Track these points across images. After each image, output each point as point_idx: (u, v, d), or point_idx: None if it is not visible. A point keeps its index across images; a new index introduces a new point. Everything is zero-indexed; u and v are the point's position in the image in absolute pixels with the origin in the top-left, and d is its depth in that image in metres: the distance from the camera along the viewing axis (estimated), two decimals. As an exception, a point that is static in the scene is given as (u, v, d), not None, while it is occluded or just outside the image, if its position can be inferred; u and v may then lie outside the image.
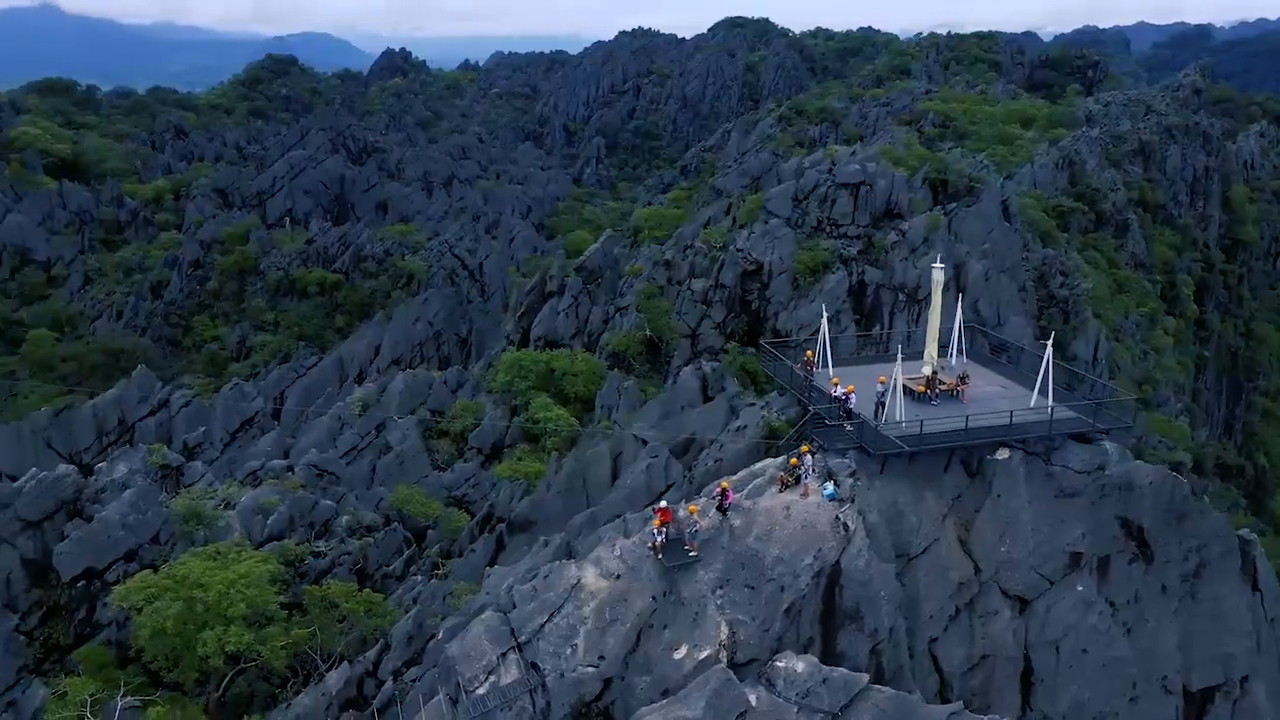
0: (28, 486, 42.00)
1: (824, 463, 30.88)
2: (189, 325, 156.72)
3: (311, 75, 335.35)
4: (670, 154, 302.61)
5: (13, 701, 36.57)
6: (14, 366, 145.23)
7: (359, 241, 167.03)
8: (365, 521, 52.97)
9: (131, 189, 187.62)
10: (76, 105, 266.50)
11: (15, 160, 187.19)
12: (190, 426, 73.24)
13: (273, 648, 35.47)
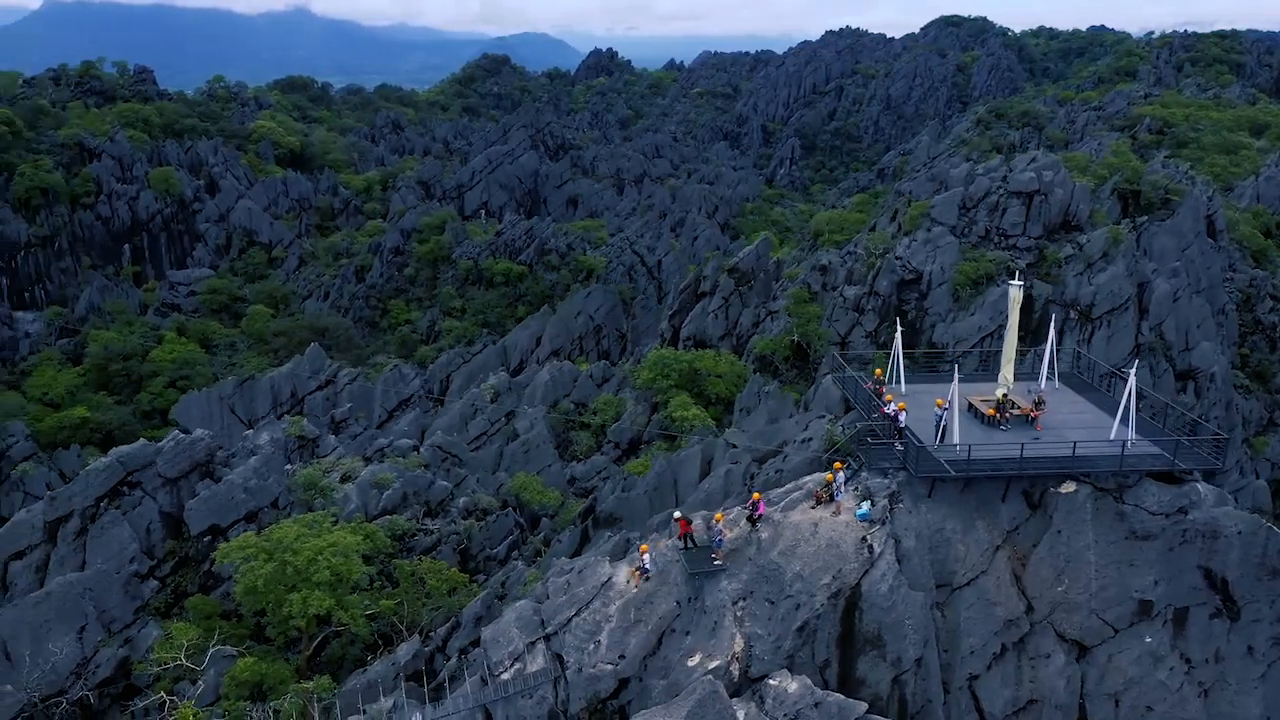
0: (168, 447, 46.82)
1: (863, 481, 29.80)
2: (386, 308, 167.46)
3: (522, 74, 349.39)
4: (869, 156, 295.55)
5: (129, 639, 40.91)
6: (235, 337, 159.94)
7: (544, 235, 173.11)
8: (482, 504, 55.27)
9: (347, 179, 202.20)
10: (312, 101, 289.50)
11: (252, 150, 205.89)
12: (354, 399, 78.53)
13: (353, 614, 37.93)
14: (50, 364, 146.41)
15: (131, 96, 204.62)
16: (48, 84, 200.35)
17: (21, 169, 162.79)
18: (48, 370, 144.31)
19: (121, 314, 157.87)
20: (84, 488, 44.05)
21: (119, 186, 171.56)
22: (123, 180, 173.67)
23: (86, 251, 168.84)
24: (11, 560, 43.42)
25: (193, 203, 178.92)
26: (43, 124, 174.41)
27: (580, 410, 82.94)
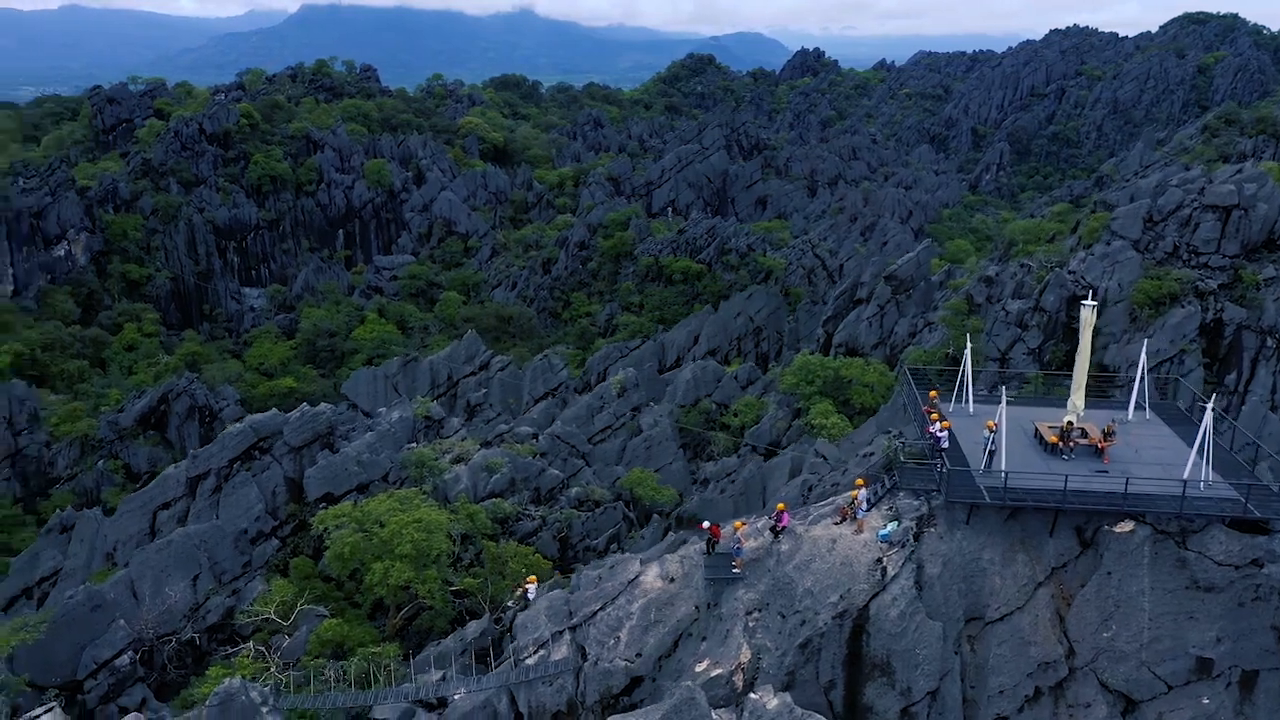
0: (294, 418, 50.89)
1: (896, 501, 28.60)
2: (568, 300, 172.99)
3: (726, 73, 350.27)
4: (1089, 164, 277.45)
5: (236, 590, 44.87)
6: (428, 320, 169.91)
7: (725, 234, 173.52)
8: (594, 496, 56.63)
9: (541, 174, 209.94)
10: (522, 98, 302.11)
11: (459, 145, 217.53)
12: (504, 388, 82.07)
13: (430, 588, 40.01)
14: (268, 337, 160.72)
15: (356, 93, 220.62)
16: (286, 81, 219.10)
17: (256, 158, 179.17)
18: (265, 342, 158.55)
19: (331, 294, 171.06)
20: (220, 450, 48.74)
21: (337, 176, 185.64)
22: (341, 170, 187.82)
23: (306, 235, 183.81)
24: (160, 510, 48.68)
25: (401, 193, 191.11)
26: (277, 118, 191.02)
27: (722, 410, 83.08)
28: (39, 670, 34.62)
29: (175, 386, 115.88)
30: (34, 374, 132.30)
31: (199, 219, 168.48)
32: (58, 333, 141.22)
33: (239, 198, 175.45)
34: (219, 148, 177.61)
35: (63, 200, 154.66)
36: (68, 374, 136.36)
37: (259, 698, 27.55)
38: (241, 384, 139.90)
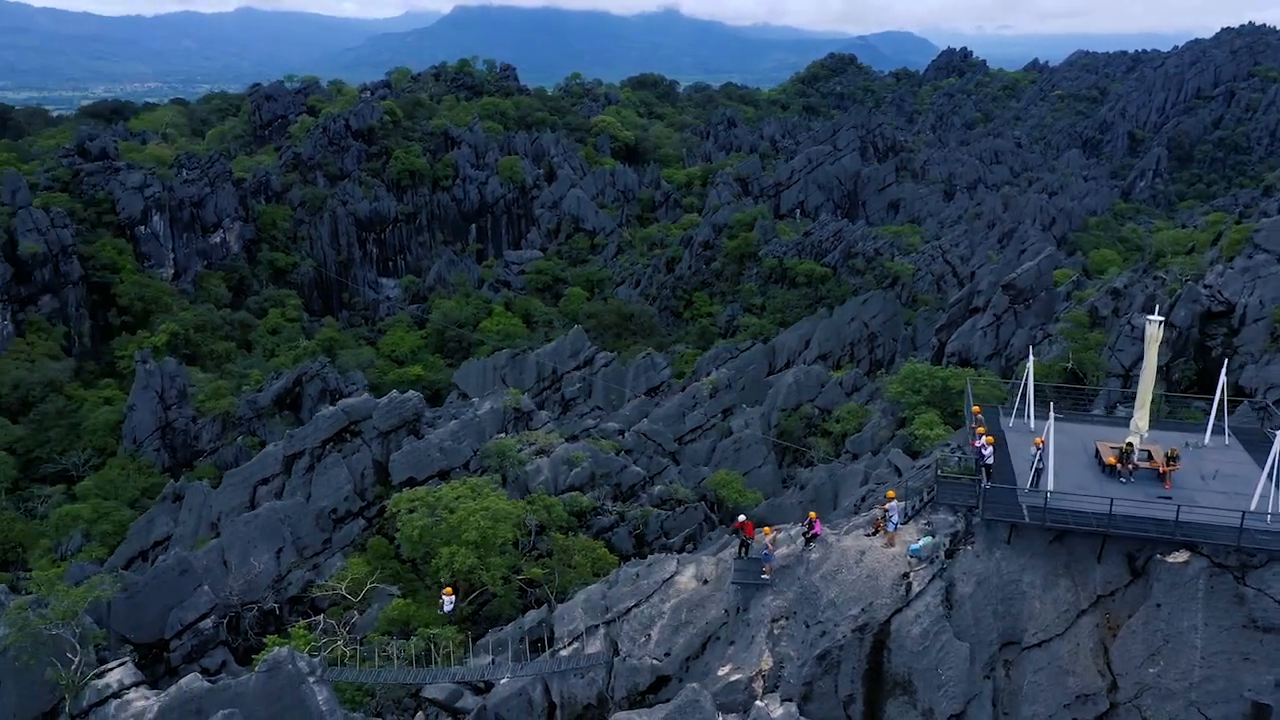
0: (382, 404, 52.97)
1: (930, 516, 27.64)
2: (690, 299, 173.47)
3: (867, 73, 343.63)
4: (1257, 171, 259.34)
5: (317, 565, 47.07)
6: (553, 315, 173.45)
7: (851, 238, 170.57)
8: (677, 495, 56.83)
9: (670, 173, 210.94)
10: (659, 97, 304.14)
11: (591, 143, 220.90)
12: (607, 385, 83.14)
13: (492, 575, 41.05)
14: (401, 325, 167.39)
15: (495, 91, 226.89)
16: (430, 80, 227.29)
17: (397, 154, 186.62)
18: (398, 331, 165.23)
19: (462, 286, 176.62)
20: (314, 431, 51.29)
21: (472, 172, 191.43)
22: (476, 166, 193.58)
23: (440, 229, 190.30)
24: (259, 484, 51.63)
25: (532, 189, 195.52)
26: (418, 115, 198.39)
27: (824, 416, 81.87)
28: (131, 627, 37.42)
29: (309, 370, 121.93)
30: (187, 353, 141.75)
31: (342, 211, 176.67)
32: (210, 315, 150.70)
33: (380, 191, 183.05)
34: (363, 143, 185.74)
35: (220, 191, 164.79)
36: (216, 354, 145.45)
37: (306, 667, 29.02)
38: (373, 370, 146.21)
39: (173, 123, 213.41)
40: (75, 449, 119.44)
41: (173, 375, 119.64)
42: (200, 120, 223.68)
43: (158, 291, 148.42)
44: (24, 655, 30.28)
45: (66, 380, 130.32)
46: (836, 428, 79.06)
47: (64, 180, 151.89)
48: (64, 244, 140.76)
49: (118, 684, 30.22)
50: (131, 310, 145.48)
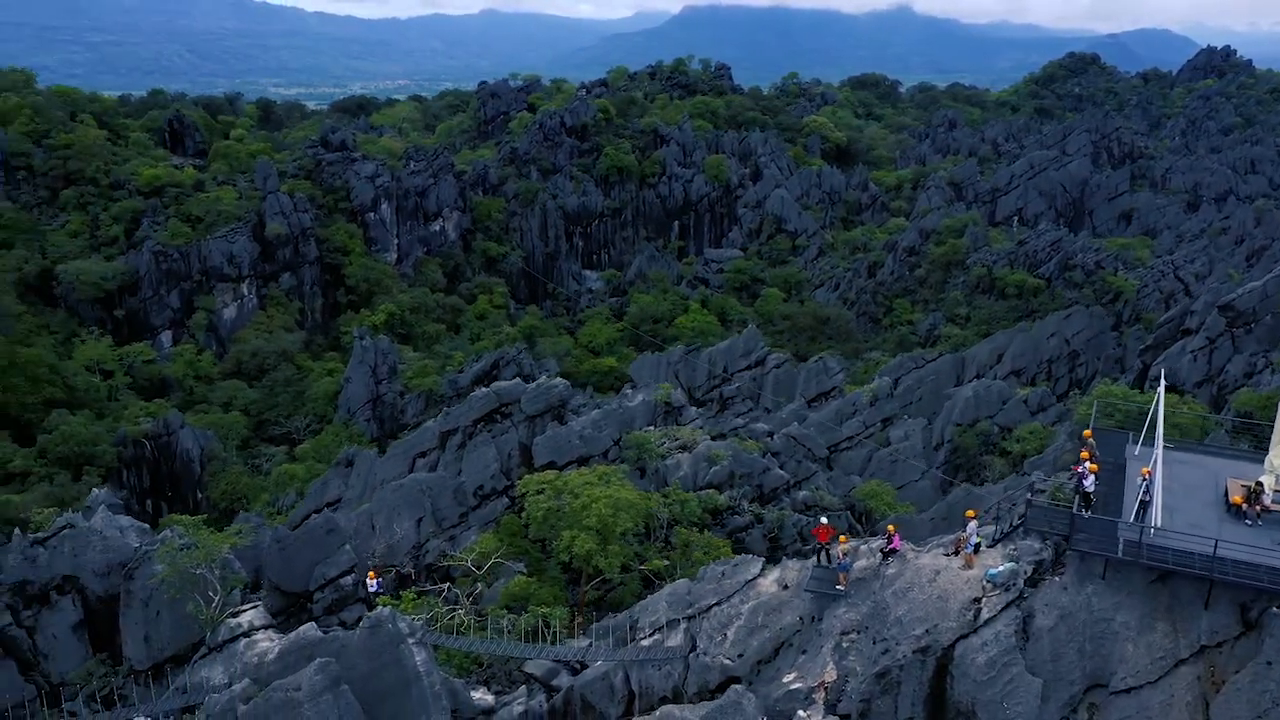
0: (531, 389, 54.89)
1: (1016, 540, 25.81)
2: (890, 306, 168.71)
3: (1110, 74, 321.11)
4: None
5: (453, 537, 49.47)
6: (748, 315, 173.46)
7: (1070, 249, 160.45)
8: (822, 502, 55.79)
9: (879, 175, 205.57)
10: (879, 98, 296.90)
11: (801, 144, 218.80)
12: (777, 385, 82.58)
13: (610, 563, 41.87)
14: (599, 317, 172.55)
15: (708, 90, 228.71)
16: (645, 78, 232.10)
17: (607, 150, 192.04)
18: (597, 322, 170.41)
19: (660, 282, 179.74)
20: (467, 410, 54.03)
21: (679, 170, 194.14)
22: (683, 164, 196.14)
23: (644, 225, 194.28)
24: (417, 457, 55.02)
25: (736, 188, 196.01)
26: (630, 113, 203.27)
27: (1004, 434, 77.72)
28: (282, 577, 41.09)
29: (506, 355, 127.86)
30: (402, 332, 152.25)
31: (552, 205, 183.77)
32: (425, 298, 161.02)
33: (588, 186, 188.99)
34: (576, 139, 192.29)
35: (443, 182, 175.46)
36: (427, 335, 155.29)
37: (406, 629, 30.91)
38: (569, 359, 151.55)
39: (408, 118, 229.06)
40: (299, 414, 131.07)
41: (385, 352, 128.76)
42: (433, 116, 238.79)
43: (381, 274, 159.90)
44: (172, 590, 34.09)
45: (297, 351, 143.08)
46: (1016, 447, 74.92)
47: (308, 169, 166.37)
48: (304, 227, 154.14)
49: (248, 624, 33.39)
50: (357, 290, 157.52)
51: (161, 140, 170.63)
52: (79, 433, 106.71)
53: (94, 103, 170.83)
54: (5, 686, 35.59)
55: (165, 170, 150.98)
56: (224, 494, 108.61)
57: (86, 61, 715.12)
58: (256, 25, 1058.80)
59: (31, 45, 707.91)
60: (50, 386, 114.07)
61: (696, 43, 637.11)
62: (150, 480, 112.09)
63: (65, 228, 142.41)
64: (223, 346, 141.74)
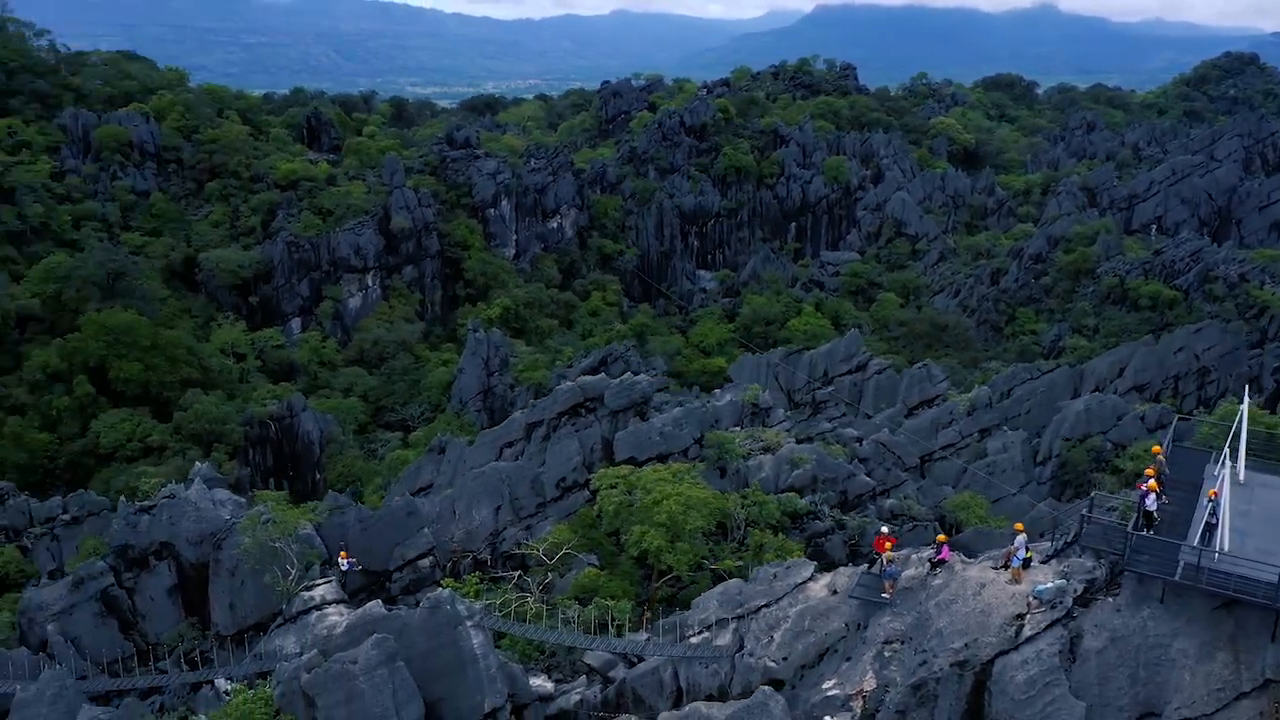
0: (614, 385, 55.25)
1: (1070, 557, 24.60)
2: (1013, 315, 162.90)
3: (1270, 74, 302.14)
4: None
5: (529, 526, 50.28)
6: (862, 320, 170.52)
7: (1212, 260, 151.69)
8: (910, 511, 54.45)
9: (1007, 179, 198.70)
10: (1013, 100, 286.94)
11: (926, 145, 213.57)
12: (879, 391, 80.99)
13: (677, 560, 41.89)
14: (712, 317, 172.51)
15: (832, 90, 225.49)
16: (768, 78, 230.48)
17: (725, 150, 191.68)
18: (708, 322, 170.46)
19: (774, 284, 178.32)
20: (553, 403, 54.90)
21: (797, 170, 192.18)
22: (802, 165, 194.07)
23: (760, 225, 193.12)
24: (504, 446, 56.23)
25: (856, 190, 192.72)
26: (750, 113, 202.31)
27: (1117, 452, 74.08)
28: (364, 555, 42.78)
29: (614, 352, 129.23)
30: (516, 326, 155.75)
31: (668, 204, 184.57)
32: (539, 294, 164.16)
33: (705, 186, 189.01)
34: (695, 139, 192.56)
35: (561, 180, 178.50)
36: (540, 329, 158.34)
37: (465, 611, 31.77)
38: (679, 359, 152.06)
39: (533, 116, 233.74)
40: (414, 402, 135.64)
41: (497, 345, 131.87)
42: (557, 115, 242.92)
43: (498, 269, 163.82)
44: (253, 561, 35.96)
45: (416, 341, 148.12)
46: (1130, 465, 71.29)
47: (433, 165, 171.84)
48: (427, 221, 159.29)
49: (320, 598, 34.93)
50: (475, 284, 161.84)
51: (300, 136, 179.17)
52: (210, 411, 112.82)
53: (239, 100, 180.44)
54: (107, 642, 38.19)
55: (301, 165, 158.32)
56: (340, 476, 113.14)
57: (241, 62, 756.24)
58: (397, 26, 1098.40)
59: (193, 47, 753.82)
60: (187, 367, 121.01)
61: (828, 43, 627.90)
62: (274, 459, 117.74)
63: (208, 218, 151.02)
64: (347, 334, 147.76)
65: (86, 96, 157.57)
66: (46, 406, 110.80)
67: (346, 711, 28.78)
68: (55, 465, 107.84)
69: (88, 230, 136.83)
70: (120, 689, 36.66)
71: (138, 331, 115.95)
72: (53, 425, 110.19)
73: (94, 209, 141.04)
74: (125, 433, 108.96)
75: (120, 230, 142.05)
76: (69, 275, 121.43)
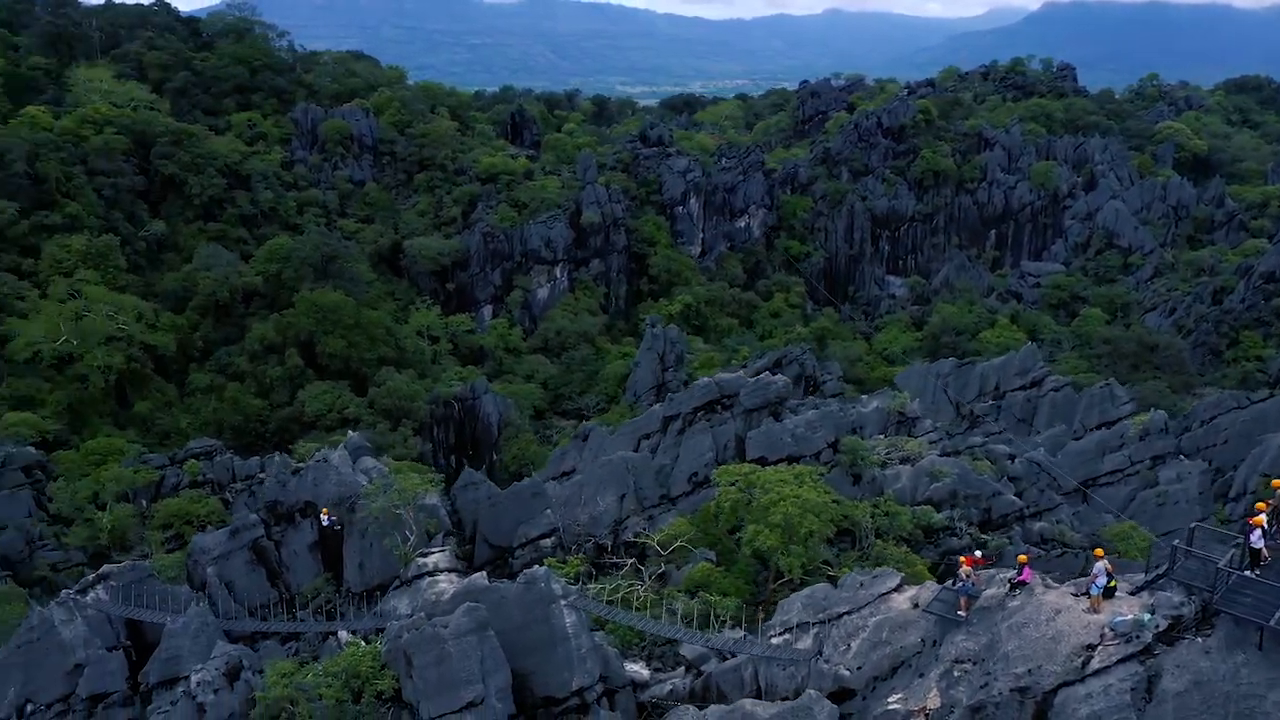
0: (750, 383, 54.66)
1: (1160, 590, 22.43)
2: (1236, 338, 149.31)
3: None
4: None
5: (652, 516, 50.62)
6: (1062, 335, 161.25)
7: None
8: (1063, 537, 51.25)
9: (1240, 191, 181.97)
10: (1260, 103, 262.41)
11: (1149, 151, 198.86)
12: (1054, 409, 76.51)
13: (790, 562, 41.21)
14: (898, 325, 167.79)
15: (1046, 92, 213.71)
16: (976, 79, 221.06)
17: (924, 153, 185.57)
18: (894, 330, 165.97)
19: (968, 293, 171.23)
20: (689, 398, 55.14)
21: (1001, 175, 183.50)
22: (1006, 170, 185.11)
23: (957, 232, 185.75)
24: (643, 438, 57.02)
25: (1065, 198, 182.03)
26: (954, 115, 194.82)
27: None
28: (491, 530, 44.71)
29: (789, 354, 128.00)
30: (695, 324, 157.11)
31: (860, 206, 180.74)
32: (721, 292, 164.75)
33: (900, 189, 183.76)
34: (892, 141, 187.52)
35: (751, 179, 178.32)
36: (719, 328, 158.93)
37: (560, 590, 32.79)
38: (861, 365, 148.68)
39: (730, 115, 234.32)
40: (591, 392, 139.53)
41: (674, 341, 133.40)
42: (755, 114, 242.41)
43: (682, 266, 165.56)
44: (376, 526, 38.44)
45: (597, 333, 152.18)
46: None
47: (626, 162, 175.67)
48: (615, 217, 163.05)
49: (433, 565, 36.93)
50: (659, 280, 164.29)
51: (504, 132, 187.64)
52: (402, 389, 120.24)
53: (450, 97, 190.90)
54: (255, 588, 41.91)
55: (501, 159, 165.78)
56: (514, 458, 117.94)
57: (464, 62, 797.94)
58: (612, 27, 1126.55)
59: (422, 47, 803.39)
60: (385, 346, 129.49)
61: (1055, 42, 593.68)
62: (455, 438, 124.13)
63: (415, 207, 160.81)
64: (533, 323, 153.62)
65: (317, 93, 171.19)
66: (262, 375, 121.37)
67: (437, 673, 30.41)
68: (266, 429, 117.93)
69: (309, 216, 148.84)
70: (263, 632, 40.21)
71: (343, 311, 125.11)
72: (266, 393, 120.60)
73: (316, 196, 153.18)
74: (327, 403, 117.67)
75: (337, 217, 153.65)
76: (289, 256, 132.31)
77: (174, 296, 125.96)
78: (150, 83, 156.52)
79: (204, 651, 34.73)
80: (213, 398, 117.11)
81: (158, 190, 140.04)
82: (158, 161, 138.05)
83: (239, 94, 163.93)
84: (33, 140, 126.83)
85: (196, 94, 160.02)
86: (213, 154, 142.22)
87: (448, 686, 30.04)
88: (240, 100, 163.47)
